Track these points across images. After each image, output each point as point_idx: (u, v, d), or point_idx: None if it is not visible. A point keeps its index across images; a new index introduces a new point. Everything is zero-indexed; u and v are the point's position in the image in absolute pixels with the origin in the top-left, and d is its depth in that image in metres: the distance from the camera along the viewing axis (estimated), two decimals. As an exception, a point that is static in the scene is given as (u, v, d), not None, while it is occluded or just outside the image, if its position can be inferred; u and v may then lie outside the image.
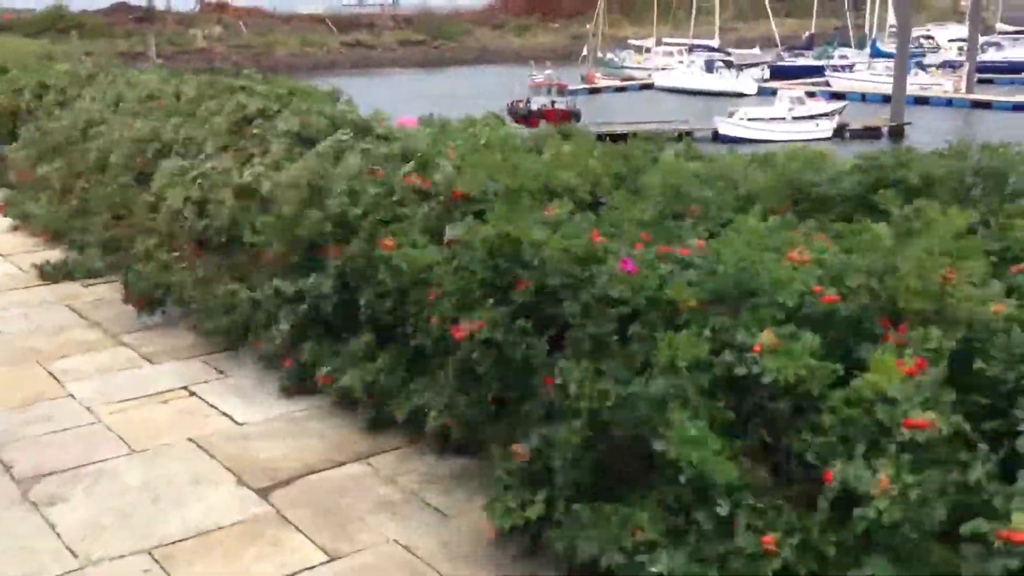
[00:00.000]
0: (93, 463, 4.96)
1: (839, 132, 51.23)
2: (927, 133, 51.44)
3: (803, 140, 48.63)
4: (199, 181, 7.54)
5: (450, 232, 5.00)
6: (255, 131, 7.90)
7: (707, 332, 3.55)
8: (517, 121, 46.67)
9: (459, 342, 4.37)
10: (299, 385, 5.74)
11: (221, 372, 6.18)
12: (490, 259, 4.48)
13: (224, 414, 5.54)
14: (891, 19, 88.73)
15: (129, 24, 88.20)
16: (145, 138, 9.10)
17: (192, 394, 5.86)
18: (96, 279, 8.26)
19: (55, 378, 6.15)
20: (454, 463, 4.83)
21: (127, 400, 5.76)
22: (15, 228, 10.14)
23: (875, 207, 4.50)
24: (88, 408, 5.66)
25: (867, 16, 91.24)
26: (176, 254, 7.35)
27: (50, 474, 4.86)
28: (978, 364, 3.04)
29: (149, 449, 5.11)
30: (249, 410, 5.57)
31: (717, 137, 50.28)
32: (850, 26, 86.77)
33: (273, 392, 5.82)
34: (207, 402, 5.71)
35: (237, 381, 6.04)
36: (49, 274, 8.33)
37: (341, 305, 5.63)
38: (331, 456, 4.98)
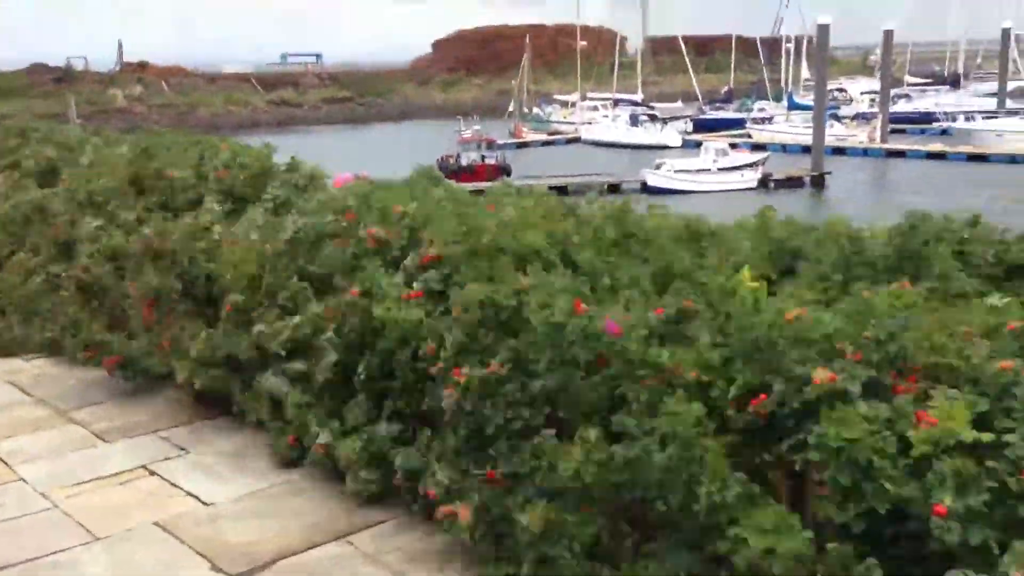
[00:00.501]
0: (52, 553, 4.65)
1: (764, 182, 52.53)
2: (847, 182, 53.20)
3: (729, 190, 50.05)
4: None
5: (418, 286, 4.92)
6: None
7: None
8: (448, 177, 46.86)
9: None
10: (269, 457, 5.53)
11: (181, 448, 5.90)
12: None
13: (189, 494, 5.26)
14: (805, 73, 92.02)
15: (47, 85, 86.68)
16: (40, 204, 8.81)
17: (152, 473, 5.57)
18: (35, 353, 7.90)
19: (3, 461, 5.80)
20: (441, 538, 4.63)
21: (83, 482, 5.45)
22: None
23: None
24: (42, 493, 5.33)
25: (782, 71, 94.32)
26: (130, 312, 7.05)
27: (6, 567, 4.53)
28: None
29: (112, 535, 4.81)
30: (216, 489, 5.31)
31: (646, 188, 51.13)
32: (767, 80, 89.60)
33: (238, 469, 5.57)
34: (170, 481, 5.43)
35: (199, 458, 5.76)
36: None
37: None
38: (309, 536, 4.74)
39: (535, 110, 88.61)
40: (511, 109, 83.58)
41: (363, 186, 7.26)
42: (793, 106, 78.39)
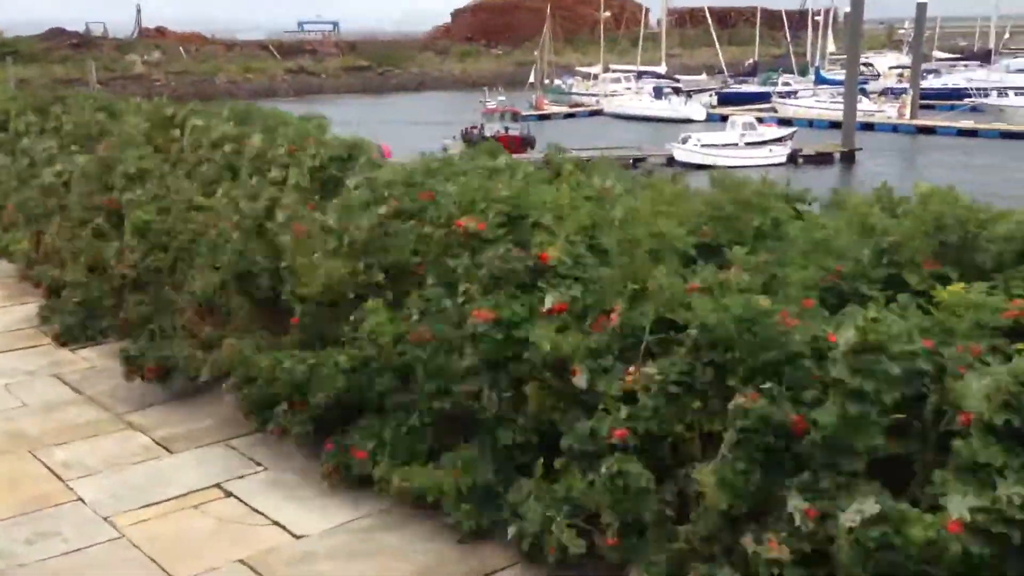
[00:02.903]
0: (125, 599, 3.98)
1: (792, 158, 51.40)
2: (878, 158, 52.06)
3: (757, 165, 49.21)
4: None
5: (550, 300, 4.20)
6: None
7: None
8: (471, 148, 45.98)
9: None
10: (350, 480, 4.82)
11: (256, 463, 5.21)
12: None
13: (274, 523, 4.58)
14: (831, 47, 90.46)
15: (65, 50, 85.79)
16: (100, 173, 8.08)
17: (228, 494, 4.88)
18: (81, 343, 7.22)
19: (56, 475, 5.13)
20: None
21: (151, 505, 4.77)
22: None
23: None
24: (105, 517, 4.66)
25: (808, 44, 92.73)
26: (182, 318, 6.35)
27: (72, 617, 3.87)
28: None
29: (192, 577, 4.14)
30: (304, 517, 4.62)
31: (672, 163, 50.14)
32: (792, 54, 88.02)
33: (322, 491, 4.87)
34: (250, 506, 4.75)
35: (277, 475, 5.08)
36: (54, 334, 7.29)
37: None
38: (423, 583, 4.06)
39: (556, 82, 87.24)
40: (532, 80, 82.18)
41: (429, 162, 6.61)
42: (821, 80, 76.91)
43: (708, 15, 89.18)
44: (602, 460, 3.68)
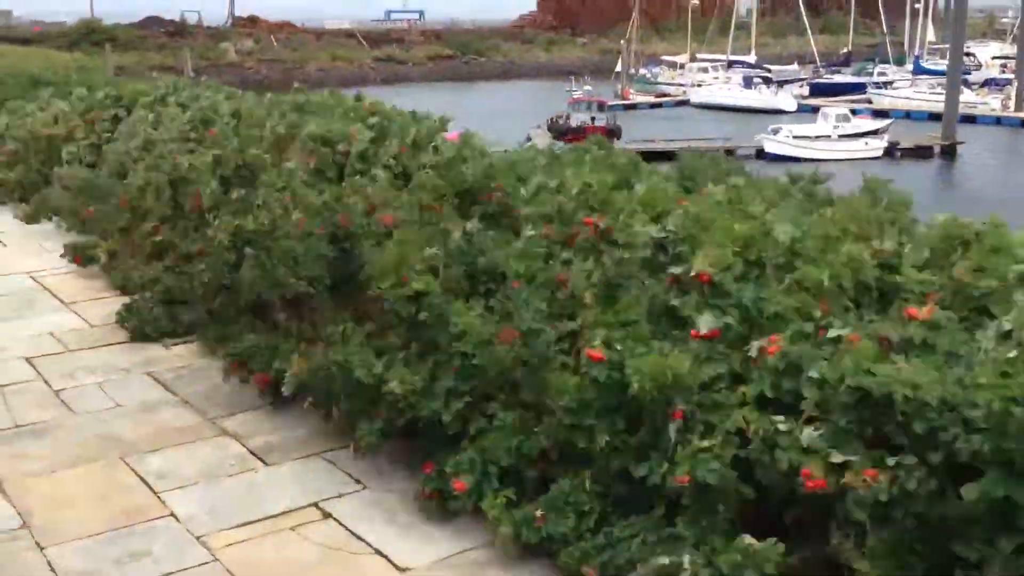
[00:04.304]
0: (219, 635, 3.69)
1: (890, 151, 49.64)
2: (982, 152, 49.97)
3: (853, 159, 47.67)
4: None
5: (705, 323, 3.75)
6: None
7: None
8: (557, 138, 45.47)
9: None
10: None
11: (356, 481, 4.89)
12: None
13: (377, 552, 4.24)
14: (930, 35, 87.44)
15: (161, 38, 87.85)
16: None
17: (327, 515, 4.57)
18: (177, 338, 7.01)
19: (149, 486, 4.88)
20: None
21: (246, 524, 4.48)
22: (76, 269, 8.90)
23: None
24: (199, 537, 4.38)
25: (906, 32, 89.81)
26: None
27: (164, 653, 3.59)
28: None
29: (292, 613, 3.83)
30: (408, 546, 4.27)
31: (761, 155, 48.86)
32: (887, 43, 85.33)
33: (427, 517, 4.52)
34: (350, 530, 4.42)
35: (379, 495, 4.74)
36: (132, 329, 7.09)
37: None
38: (542, 631, 3.68)
39: (641, 71, 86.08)
40: (618, 70, 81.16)
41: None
42: (919, 70, 74.34)
43: (800, 2, 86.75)
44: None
